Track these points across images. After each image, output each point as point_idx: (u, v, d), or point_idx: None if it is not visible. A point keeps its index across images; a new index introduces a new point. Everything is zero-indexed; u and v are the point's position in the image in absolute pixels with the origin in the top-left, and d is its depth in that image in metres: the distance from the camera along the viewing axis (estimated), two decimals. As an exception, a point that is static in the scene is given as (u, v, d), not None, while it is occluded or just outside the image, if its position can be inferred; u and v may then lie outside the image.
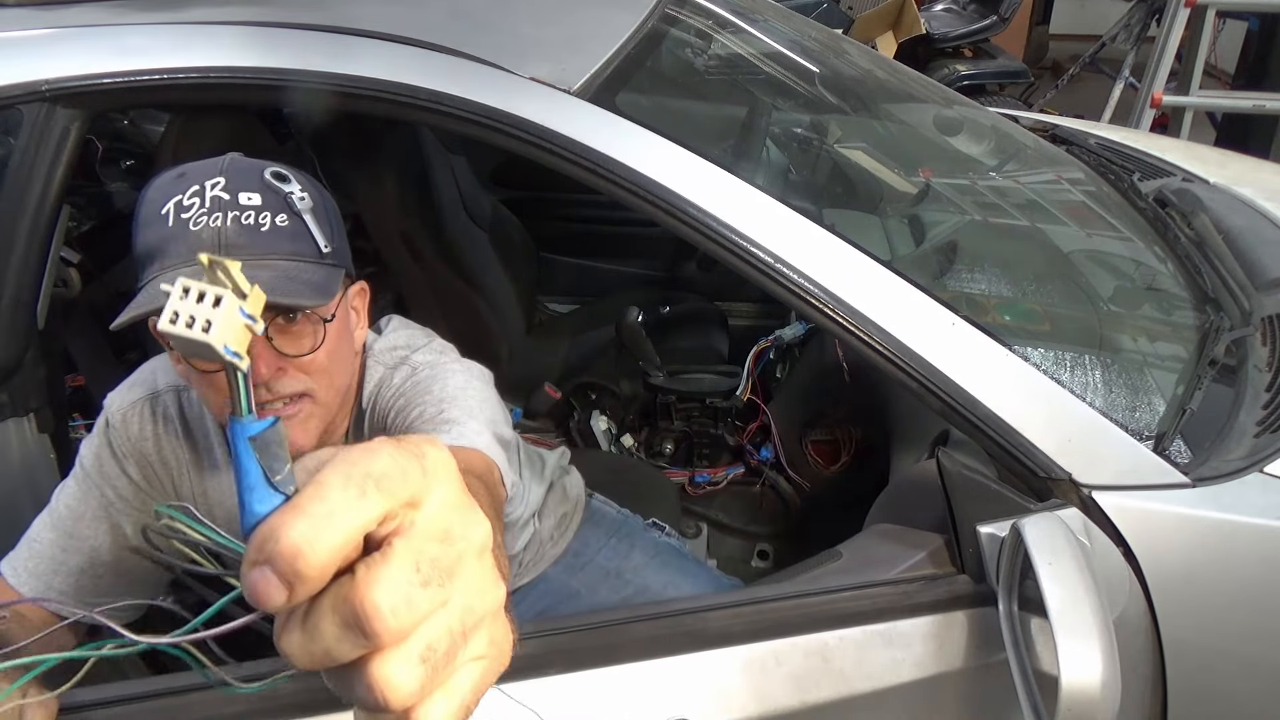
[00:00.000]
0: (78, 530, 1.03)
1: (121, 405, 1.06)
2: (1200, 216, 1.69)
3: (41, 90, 1.08)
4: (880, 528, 1.19)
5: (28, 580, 1.01)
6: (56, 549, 1.03)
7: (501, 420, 1.00)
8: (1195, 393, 1.21)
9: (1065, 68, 5.30)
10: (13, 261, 1.08)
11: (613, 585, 1.38)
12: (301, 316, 0.90)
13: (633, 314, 1.92)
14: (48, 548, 1.02)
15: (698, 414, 2.04)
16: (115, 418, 1.05)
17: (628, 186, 1.07)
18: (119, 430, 1.05)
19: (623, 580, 1.38)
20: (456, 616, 0.33)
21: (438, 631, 0.33)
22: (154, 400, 1.06)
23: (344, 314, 0.96)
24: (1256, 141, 4.14)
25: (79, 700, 0.93)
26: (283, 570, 0.31)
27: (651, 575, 1.38)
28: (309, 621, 0.32)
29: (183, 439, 1.07)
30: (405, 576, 0.32)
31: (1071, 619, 0.85)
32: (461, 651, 0.34)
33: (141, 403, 1.06)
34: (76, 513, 1.03)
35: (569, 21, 1.35)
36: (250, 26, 1.14)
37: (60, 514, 1.03)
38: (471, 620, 0.34)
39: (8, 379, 1.11)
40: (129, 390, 1.07)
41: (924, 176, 1.71)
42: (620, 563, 1.41)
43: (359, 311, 1.02)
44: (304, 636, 0.32)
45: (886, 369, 1.05)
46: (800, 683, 0.99)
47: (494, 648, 0.36)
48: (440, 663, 0.33)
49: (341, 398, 0.98)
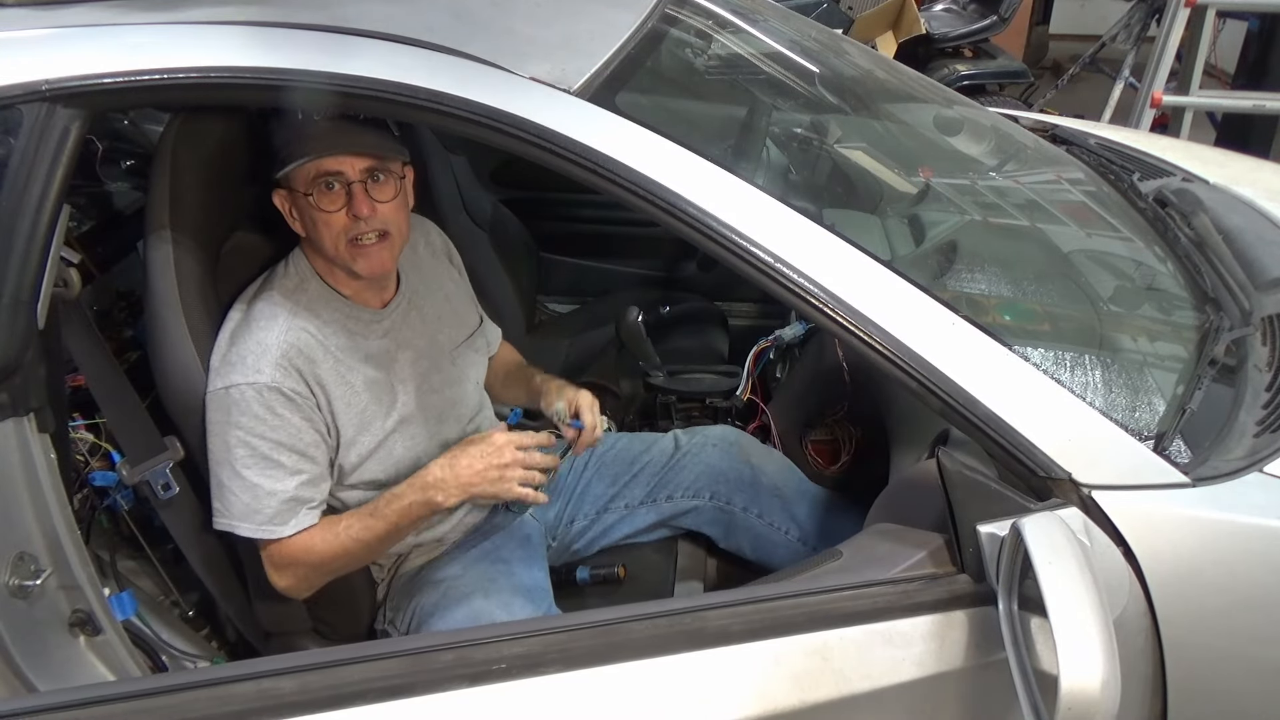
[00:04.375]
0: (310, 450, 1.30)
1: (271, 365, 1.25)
2: (1200, 216, 1.69)
3: (41, 90, 1.08)
4: (880, 527, 1.19)
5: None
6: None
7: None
8: (1195, 393, 1.21)
9: (1065, 68, 5.31)
10: (13, 261, 1.08)
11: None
12: (385, 176, 1.28)
13: (633, 314, 1.92)
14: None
15: (698, 414, 2.04)
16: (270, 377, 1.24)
17: (628, 186, 1.07)
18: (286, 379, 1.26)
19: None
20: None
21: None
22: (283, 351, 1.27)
23: (405, 186, 1.33)
24: (1256, 141, 4.14)
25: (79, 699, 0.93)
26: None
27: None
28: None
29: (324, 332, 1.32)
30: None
31: (1071, 619, 0.85)
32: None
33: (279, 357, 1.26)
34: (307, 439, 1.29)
35: (569, 21, 1.35)
36: (250, 26, 1.14)
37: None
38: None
39: (8, 379, 1.11)
40: (260, 358, 1.25)
41: (924, 176, 1.71)
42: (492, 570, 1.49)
43: (408, 191, 1.35)
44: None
45: (886, 369, 1.05)
46: (800, 682, 0.99)
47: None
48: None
49: (402, 242, 1.35)
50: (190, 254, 1.27)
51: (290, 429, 1.26)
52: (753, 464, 1.66)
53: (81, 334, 1.26)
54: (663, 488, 1.67)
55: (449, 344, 1.50)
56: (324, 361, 1.31)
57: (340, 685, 0.93)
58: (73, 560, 1.20)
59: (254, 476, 1.24)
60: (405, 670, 0.95)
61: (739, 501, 1.64)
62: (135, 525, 1.46)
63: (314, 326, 1.31)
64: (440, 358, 1.47)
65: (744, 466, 1.65)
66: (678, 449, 1.70)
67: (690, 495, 1.66)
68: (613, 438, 1.75)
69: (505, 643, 0.97)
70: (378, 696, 0.93)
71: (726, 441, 1.70)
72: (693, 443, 1.70)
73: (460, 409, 1.50)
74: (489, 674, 0.95)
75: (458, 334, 1.52)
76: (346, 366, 1.33)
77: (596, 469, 1.70)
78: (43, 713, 0.93)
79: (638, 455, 1.70)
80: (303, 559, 1.29)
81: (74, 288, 1.20)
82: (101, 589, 1.26)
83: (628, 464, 1.69)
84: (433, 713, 0.94)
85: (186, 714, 0.92)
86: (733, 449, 1.68)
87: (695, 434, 1.73)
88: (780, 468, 1.68)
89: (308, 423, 1.28)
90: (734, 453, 1.67)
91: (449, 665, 0.95)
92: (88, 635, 1.24)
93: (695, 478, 1.66)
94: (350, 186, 1.25)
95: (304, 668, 0.94)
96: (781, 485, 1.64)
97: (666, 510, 1.67)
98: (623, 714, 0.98)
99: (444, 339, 1.49)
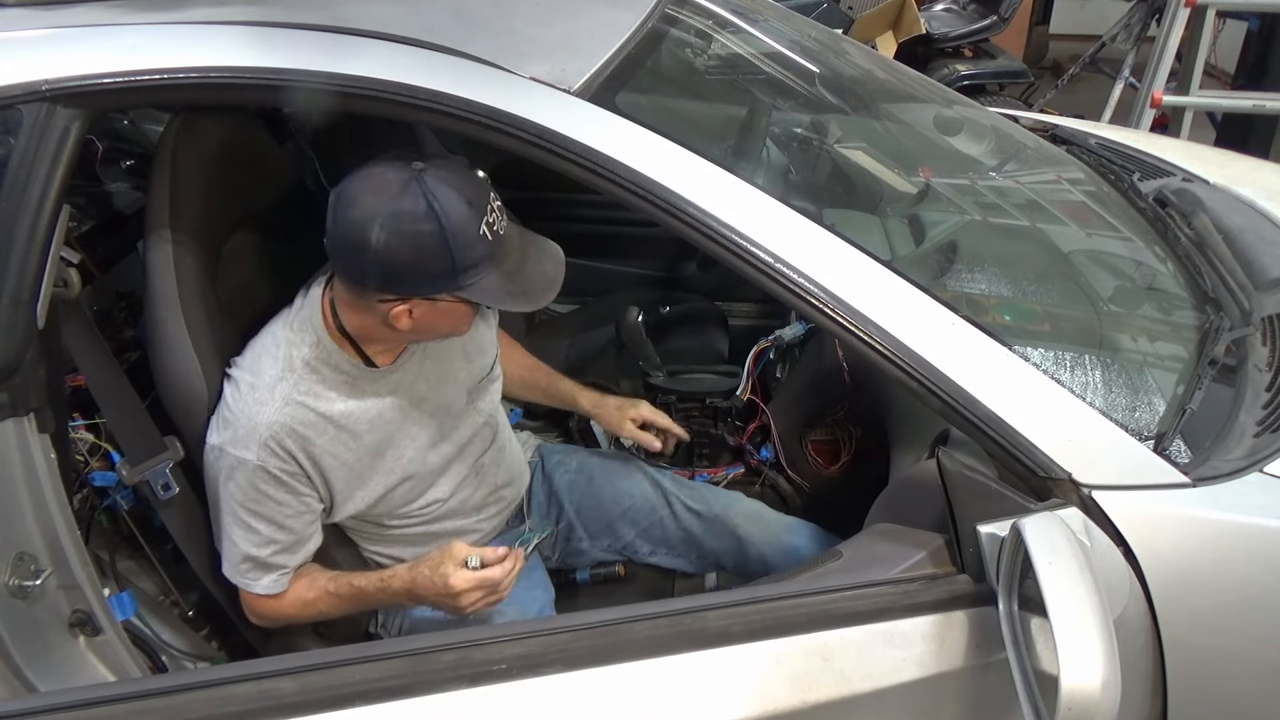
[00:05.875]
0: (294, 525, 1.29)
1: (264, 439, 1.21)
2: (1200, 216, 1.69)
3: (41, 90, 1.08)
4: (880, 527, 1.19)
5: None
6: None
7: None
8: (1195, 393, 1.21)
9: (1065, 68, 5.31)
10: (13, 261, 1.08)
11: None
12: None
13: (633, 314, 1.92)
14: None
15: (698, 414, 2.04)
16: (263, 453, 1.22)
17: (628, 186, 1.07)
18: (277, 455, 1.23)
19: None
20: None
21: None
22: (281, 426, 1.23)
23: None
24: (1256, 141, 4.14)
25: (79, 700, 0.93)
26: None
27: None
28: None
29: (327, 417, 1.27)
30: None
31: (1071, 619, 0.85)
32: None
33: (277, 432, 1.22)
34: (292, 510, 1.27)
35: (569, 21, 1.35)
36: (250, 26, 1.14)
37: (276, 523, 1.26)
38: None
39: (8, 379, 1.11)
40: (249, 436, 1.21)
41: (924, 176, 1.71)
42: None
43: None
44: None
45: (886, 369, 1.05)
46: (800, 682, 0.99)
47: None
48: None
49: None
50: (190, 254, 1.27)
51: (270, 503, 1.25)
52: (739, 537, 1.59)
53: (81, 334, 1.26)
54: (645, 541, 1.65)
55: (465, 386, 1.44)
56: (322, 433, 1.26)
57: (341, 686, 0.93)
58: (73, 560, 1.20)
59: (233, 533, 1.26)
60: (405, 671, 0.95)
61: (728, 564, 1.63)
62: (135, 525, 1.45)
63: (313, 397, 1.25)
64: (455, 403, 1.42)
65: (730, 540, 1.60)
66: (663, 503, 1.63)
67: (675, 555, 1.65)
68: (594, 464, 1.70)
69: (505, 643, 0.97)
70: (378, 697, 0.93)
71: (711, 513, 1.62)
72: (676, 505, 1.63)
73: (473, 448, 1.46)
74: (489, 674, 0.95)
75: (475, 371, 1.46)
76: (349, 433, 1.28)
77: (584, 497, 1.66)
78: (43, 713, 0.93)
79: (619, 496, 1.65)
80: (269, 615, 1.33)
81: (74, 288, 1.20)
82: (101, 589, 1.26)
83: (611, 502, 1.65)
84: (433, 713, 0.94)
85: (186, 714, 0.92)
86: (717, 521, 1.61)
87: (678, 491, 1.65)
88: (769, 537, 1.60)
89: (292, 495, 1.26)
90: (718, 526, 1.61)
91: (449, 666, 0.95)
92: (88, 635, 1.24)
93: (680, 542, 1.64)
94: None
95: (304, 668, 0.95)
96: (770, 557, 1.58)
97: (661, 554, 1.66)
98: (623, 714, 0.98)
99: (459, 383, 1.43)
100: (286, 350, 1.25)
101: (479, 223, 1.14)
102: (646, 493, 1.65)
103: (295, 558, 1.31)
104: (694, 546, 1.63)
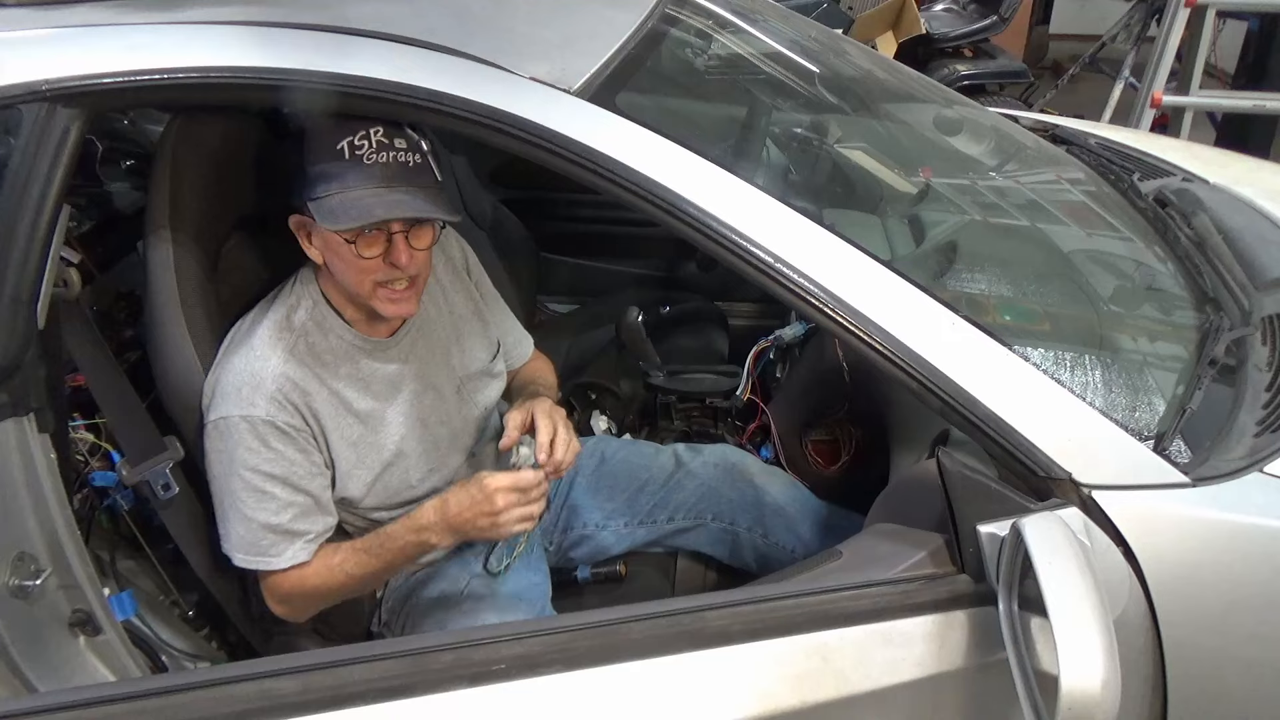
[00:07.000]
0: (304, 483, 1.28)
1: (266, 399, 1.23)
2: (1200, 216, 1.69)
3: (41, 90, 1.08)
4: (880, 527, 1.19)
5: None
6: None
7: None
8: (1195, 393, 1.21)
9: (1065, 68, 5.31)
10: (13, 261, 1.08)
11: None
12: (425, 222, 1.23)
13: (633, 314, 1.92)
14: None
15: (698, 414, 2.04)
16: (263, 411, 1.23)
17: (628, 186, 1.07)
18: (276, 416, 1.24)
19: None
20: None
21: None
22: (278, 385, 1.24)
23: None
24: (1256, 141, 4.14)
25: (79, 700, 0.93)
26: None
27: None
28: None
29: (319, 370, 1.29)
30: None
31: (1071, 619, 0.85)
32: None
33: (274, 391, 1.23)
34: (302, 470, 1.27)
35: (569, 21, 1.35)
36: (250, 26, 1.14)
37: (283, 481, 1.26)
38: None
39: (8, 379, 1.11)
40: (255, 391, 1.22)
41: (924, 176, 1.71)
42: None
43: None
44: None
45: (886, 369, 1.05)
46: (800, 682, 0.99)
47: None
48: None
49: (426, 282, 1.31)
50: (190, 254, 1.27)
51: (284, 462, 1.24)
52: (756, 485, 1.64)
53: (81, 334, 1.26)
54: (663, 508, 1.65)
55: (455, 375, 1.45)
56: (320, 394, 1.28)
57: (341, 685, 0.93)
58: (73, 560, 1.20)
59: (249, 509, 1.24)
60: (405, 670, 0.95)
61: (743, 522, 1.62)
62: (135, 525, 1.46)
63: (312, 357, 1.28)
64: (445, 388, 1.43)
65: (747, 488, 1.63)
66: (679, 466, 1.67)
67: (692, 516, 1.64)
68: (611, 445, 1.74)
69: (505, 643, 0.97)
70: (378, 697, 0.93)
71: (729, 462, 1.67)
72: (694, 462, 1.67)
73: (464, 439, 1.47)
74: (489, 674, 0.95)
75: (466, 365, 1.47)
76: (344, 398, 1.30)
77: (595, 478, 1.68)
78: (43, 713, 0.93)
79: (636, 470, 1.68)
80: (296, 591, 1.30)
81: (74, 288, 1.20)
82: (101, 589, 1.26)
83: (627, 478, 1.67)
84: (433, 713, 0.94)
85: (187, 714, 0.92)
86: (735, 470, 1.66)
87: (696, 451, 1.71)
88: (784, 486, 1.66)
89: (303, 454, 1.26)
90: (736, 474, 1.65)
91: (449, 665, 0.95)
92: (88, 635, 1.24)
93: (698, 499, 1.64)
94: (392, 236, 1.20)
95: (305, 668, 0.94)
96: (785, 505, 1.62)
97: (667, 529, 1.65)
98: (623, 714, 0.98)
99: (450, 370, 1.44)
100: (285, 313, 1.29)
101: (342, 138, 1.15)
102: (663, 462, 1.68)
103: (316, 524, 1.29)
104: (712, 501, 1.63)
